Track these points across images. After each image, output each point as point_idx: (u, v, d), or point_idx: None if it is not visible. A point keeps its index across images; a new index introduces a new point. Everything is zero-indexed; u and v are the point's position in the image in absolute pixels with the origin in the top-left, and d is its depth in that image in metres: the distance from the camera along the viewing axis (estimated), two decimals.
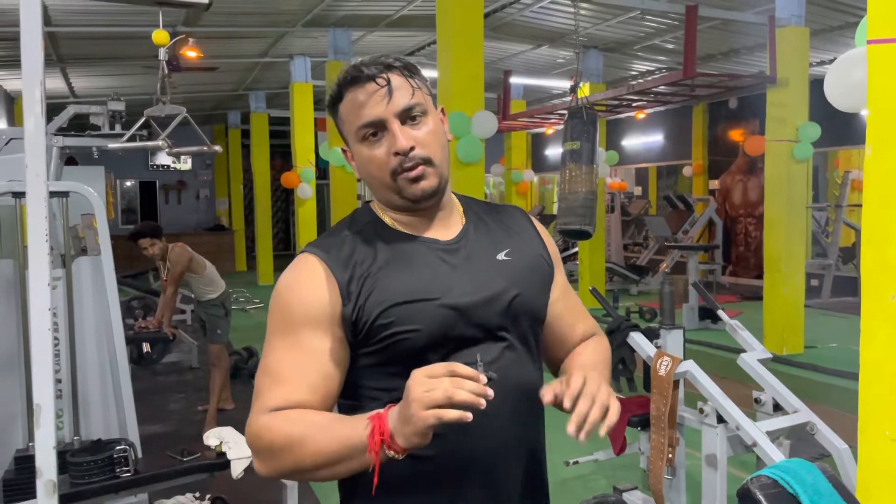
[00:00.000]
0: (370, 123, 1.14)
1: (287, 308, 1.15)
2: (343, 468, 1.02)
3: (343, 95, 1.17)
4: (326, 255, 1.16)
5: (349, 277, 1.13)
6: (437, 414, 0.91)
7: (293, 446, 1.04)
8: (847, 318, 8.69)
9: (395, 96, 1.14)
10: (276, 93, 13.21)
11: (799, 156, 7.04)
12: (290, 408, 1.09)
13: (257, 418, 1.10)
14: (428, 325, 1.11)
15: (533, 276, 1.24)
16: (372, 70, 1.14)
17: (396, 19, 8.61)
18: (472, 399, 0.91)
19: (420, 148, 1.15)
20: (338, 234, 1.21)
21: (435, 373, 0.94)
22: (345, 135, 1.21)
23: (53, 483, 1.58)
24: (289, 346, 1.13)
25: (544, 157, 17.14)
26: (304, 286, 1.14)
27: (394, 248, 1.17)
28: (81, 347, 3.28)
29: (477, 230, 1.24)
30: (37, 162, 1.56)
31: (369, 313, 1.11)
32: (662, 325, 3.25)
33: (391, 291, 1.12)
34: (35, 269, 1.58)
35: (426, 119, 1.17)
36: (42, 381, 1.56)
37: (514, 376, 1.17)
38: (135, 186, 17.36)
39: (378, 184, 1.18)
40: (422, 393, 0.92)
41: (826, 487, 1.12)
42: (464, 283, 1.16)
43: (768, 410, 3.05)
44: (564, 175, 6.03)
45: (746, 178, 12.22)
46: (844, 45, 8.54)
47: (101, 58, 9.75)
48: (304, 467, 1.05)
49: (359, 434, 0.99)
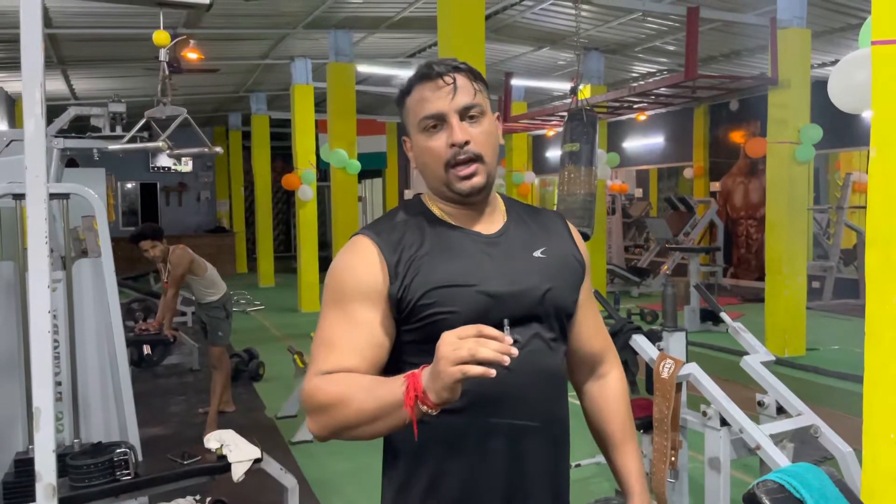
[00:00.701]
0: (432, 116, 1.26)
1: (341, 284, 1.27)
2: (382, 424, 1.12)
3: (412, 90, 1.30)
4: (378, 237, 1.28)
5: (397, 259, 1.25)
6: (462, 369, 0.98)
7: (339, 405, 1.15)
8: (849, 320, 8.68)
9: (458, 94, 1.26)
10: (277, 95, 13.22)
11: (800, 158, 7.03)
12: (340, 371, 1.19)
13: (310, 380, 1.21)
14: (465, 308, 1.21)
15: (565, 274, 1.36)
16: (441, 69, 1.27)
17: (397, 21, 8.61)
18: (495, 356, 0.98)
19: (474, 144, 1.26)
20: (390, 219, 1.33)
21: (463, 334, 1.01)
22: (408, 126, 1.32)
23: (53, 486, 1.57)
24: (341, 317, 1.24)
25: (545, 158, 17.13)
26: (357, 264, 1.27)
27: (439, 237, 1.29)
28: (82, 350, 3.27)
29: (517, 227, 1.36)
30: (37, 163, 1.56)
31: (413, 293, 1.23)
32: (665, 328, 3.23)
33: (434, 275, 1.24)
34: (35, 271, 1.57)
35: (483, 120, 1.28)
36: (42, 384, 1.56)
37: (541, 361, 1.29)
38: (136, 188, 17.38)
39: (431, 173, 1.30)
40: (450, 351, 1.00)
41: (833, 492, 1.11)
42: (501, 274, 1.27)
43: (771, 413, 3.04)
44: (563, 177, 6.02)
45: (748, 179, 12.20)
46: (846, 47, 8.54)
47: (102, 60, 9.76)
48: (349, 424, 1.15)
49: (396, 392, 1.08)
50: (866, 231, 1.69)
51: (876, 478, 1.66)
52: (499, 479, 1.26)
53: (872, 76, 1.63)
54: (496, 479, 1.26)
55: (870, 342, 1.66)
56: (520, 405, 1.26)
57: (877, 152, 1.64)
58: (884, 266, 1.62)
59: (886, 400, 1.62)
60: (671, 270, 11.29)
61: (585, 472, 3.95)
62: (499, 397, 1.24)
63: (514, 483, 1.27)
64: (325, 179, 11.96)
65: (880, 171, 1.64)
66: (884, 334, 1.63)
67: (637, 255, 13.49)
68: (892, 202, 1.61)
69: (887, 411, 1.62)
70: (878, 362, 1.65)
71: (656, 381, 2.88)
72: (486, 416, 1.24)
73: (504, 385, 1.19)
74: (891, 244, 1.61)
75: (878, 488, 1.65)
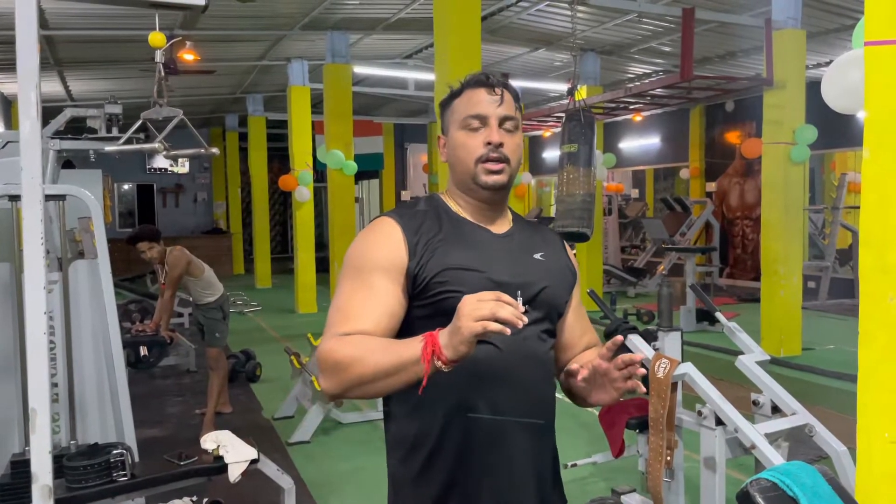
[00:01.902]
0: (478, 116, 1.43)
1: (364, 256, 1.39)
2: (397, 379, 1.21)
3: (463, 91, 1.47)
4: (401, 219, 1.42)
5: (417, 241, 1.39)
6: (483, 324, 1.10)
7: (356, 362, 1.24)
8: (844, 319, 8.70)
9: (503, 105, 1.44)
10: (273, 96, 13.21)
11: (796, 158, 7.05)
12: (356, 333, 1.30)
13: (326, 341, 1.30)
14: (472, 291, 1.26)
15: (559, 277, 1.52)
16: (494, 80, 1.46)
17: (394, 22, 8.62)
18: (512, 318, 1.10)
19: (506, 149, 1.43)
20: (412, 207, 1.48)
21: (484, 297, 1.13)
22: (448, 123, 1.49)
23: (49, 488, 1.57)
24: (359, 286, 1.36)
25: (542, 159, 17.15)
26: (380, 239, 1.40)
27: (455, 227, 1.44)
28: (78, 351, 3.27)
29: (521, 233, 1.53)
30: (32, 165, 1.56)
31: (429, 271, 1.36)
32: (660, 328, 3.24)
33: (449, 258, 1.38)
34: (31, 272, 1.57)
35: (516, 134, 1.46)
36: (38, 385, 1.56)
37: (533, 347, 1.43)
38: (132, 190, 17.35)
39: (462, 166, 1.45)
40: (471, 309, 1.12)
41: (826, 490, 1.12)
42: (507, 266, 1.42)
43: (766, 413, 3.04)
44: (562, 177, 6.03)
45: (743, 180, 12.23)
46: (841, 48, 8.57)
47: (99, 61, 9.75)
48: (364, 379, 1.24)
49: (413, 349, 1.19)
50: (860, 231, 1.70)
51: (870, 476, 1.67)
52: (489, 451, 1.38)
53: (865, 77, 1.64)
54: (487, 451, 1.38)
55: (863, 342, 1.67)
56: (509, 385, 1.39)
57: (870, 153, 1.65)
58: (877, 266, 1.63)
59: (880, 399, 1.63)
60: (667, 271, 11.30)
61: (581, 472, 3.96)
62: (493, 375, 1.37)
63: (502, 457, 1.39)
64: (321, 180, 11.95)
65: (873, 172, 1.65)
66: (877, 334, 1.64)
67: (633, 255, 13.50)
68: (885, 203, 1.62)
69: (881, 410, 1.63)
70: (872, 362, 1.66)
71: (652, 381, 2.89)
72: (481, 392, 1.37)
73: (497, 363, 1.37)
74: (884, 244, 1.62)
75: (872, 486, 1.66)
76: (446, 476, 1.37)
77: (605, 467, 3.96)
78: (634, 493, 3.33)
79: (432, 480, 1.38)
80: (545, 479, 1.47)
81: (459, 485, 1.38)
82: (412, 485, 1.41)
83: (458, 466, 1.37)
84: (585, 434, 4.73)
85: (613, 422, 3.23)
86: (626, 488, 3.37)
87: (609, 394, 1.37)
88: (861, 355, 1.67)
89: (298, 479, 3.96)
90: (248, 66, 10.87)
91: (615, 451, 3.26)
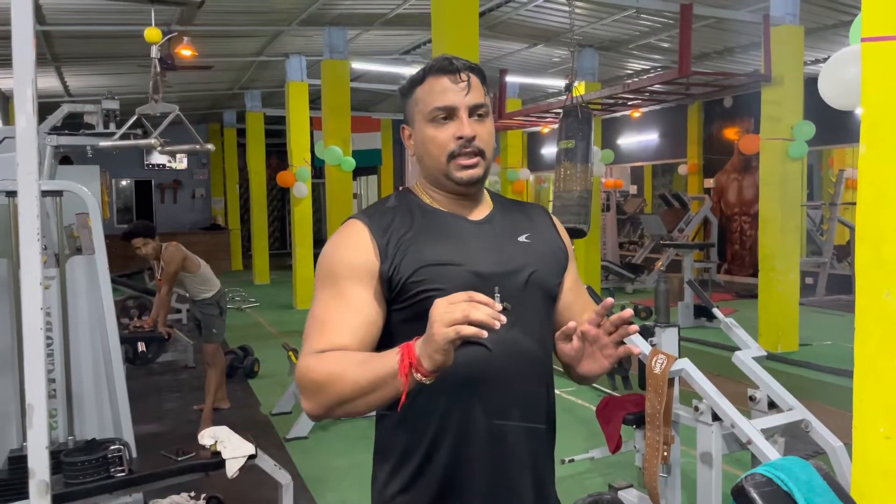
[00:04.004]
0: (445, 107, 1.31)
1: (334, 264, 1.31)
2: (377, 396, 1.13)
3: (425, 79, 1.34)
4: (369, 220, 1.32)
5: (387, 241, 1.29)
6: (456, 329, 1.02)
7: (334, 380, 1.17)
8: (841, 315, 8.71)
9: (471, 92, 1.31)
10: (271, 92, 13.18)
11: (793, 154, 7.05)
12: (333, 350, 1.22)
13: (304, 359, 1.23)
14: (453, 287, 1.20)
15: (549, 259, 1.40)
16: (459, 65, 1.32)
17: (392, 18, 8.60)
18: (487, 319, 1.02)
19: (479, 141, 1.32)
20: (381, 205, 1.38)
21: (455, 299, 1.05)
22: (412, 114, 1.37)
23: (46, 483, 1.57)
24: (333, 296, 1.28)
25: (540, 155, 17.14)
26: (348, 245, 1.31)
27: (429, 220, 1.34)
28: (76, 347, 3.27)
29: (502, 215, 1.41)
30: (29, 160, 1.55)
31: (404, 272, 1.27)
32: (658, 324, 3.25)
33: (424, 255, 1.28)
34: (27, 268, 1.57)
35: (487, 120, 1.35)
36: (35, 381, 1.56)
37: (524, 342, 1.31)
38: (130, 185, 17.32)
39: (433, 162, 1.34)
40: (443, 313, 1.04)
41: (820, 485, 1.12)
42: (488, 255, 1.32)
43: (763, 408, 3.05)
44: (559, 174, 6.02)
45: (741, 176, 12.24)
46: (839, 44, 8.56)
47: (96, 56, 9.71)
48: (344, 398, 1.16)
49: (390, 362, 1.11)
50: (856, 227, 1.70)
51: (865, 471, 1.67)
52: (482, 464, 1.28)
53: (862, 73, 1.64)
54: (479, 464, 1.28)
55: (860, 337, 1.67)
56: (502, 387, 1.29)
57: (866, 149, 1.65)
58: (874, 262, 1.64)
59: (876, 395, 1.64)
60: (665, 266, 11.31)
61: (578, 467, 3.96)
62: (483, 378, 1.27)
63: (496, 465, 1.30)
64: (319, 176, 11.94)
65: (870, 168, 1.65)
66: (874, 330, 1.64)
67: (631, 251, 13.52)
68: (881, 199, 1.62)
69: (877, 406, 1.63)
70: (868, 357, 1.66)
71: (649, 377, 2.90)
72: (468, 398, 1.27)
73: (488, 365, 1.26)
74: (881, 240, 1.62)
75: (868, 482, 1.66)
76: (437, 489, 1.29)
77: (602, 463, 3.97)
78: (631, 488, 3.34)
79: (423, 494, 1.30)
80: (545, 482, 1.38)
81: (452, 497, 1.29)
82: (401, 497, 1.31)
83: (450, 478, 1.29)
84: (582, 429, 4.74)
85: (610, 417, 3.24)
86: (623, 484, 3.38)
87: (599, 363, 1.27)
88: (857, 351, 1.67)
89: (296, 475, 3.96)
90: (245, 61, 10.84)
91: (612, 446, 3.27)
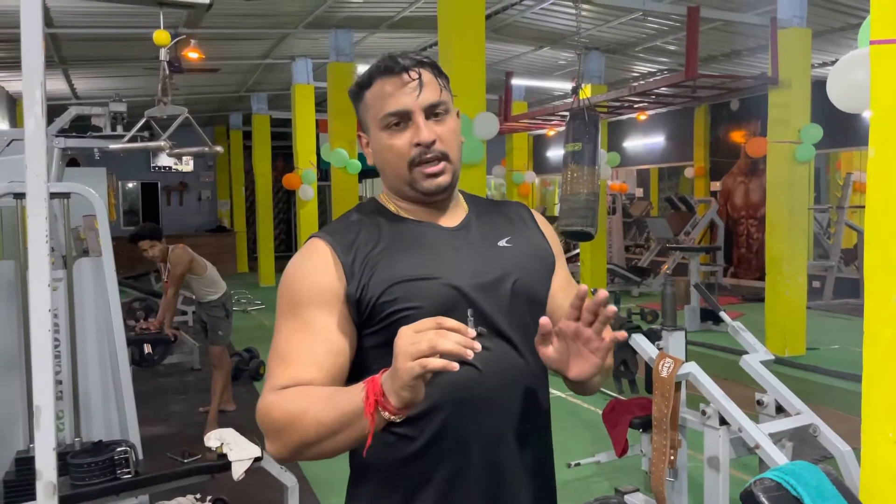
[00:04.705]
0: (397, 113, 1.18)
1: (295, 290, 1.18)
2: (344, 438, 1.02)
3: (373, 82, 1.20)
4: (332, 238, 1.20)
5: (353, 258, 1.17)
6: (421, 363, 0.90)
7: (296, 421, 1.05)
8: (849, 319, 8.68)
9: (424, 91, 1.18)
10: (277, 94, 13.21)
11: (801, 157, 7.03)
12: (297, 386, 1.10)
13: (264, 398, 1.11)
14: (430, 303, 1.13)
15: (533, 263, 1.28)
16: (406, 62, 1.18)
17: (398, 21, 8.61)
18: (457, 349, 0.91)
19: (441, 143, 1.19)
20: (344, 220, 1.26)
21: (421, 327, 0.94)
22: (366, 121, 1.24)
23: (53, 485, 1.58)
24: (297, 326, 1.15)
25: (546, 158, 17.13)
26: (310, 268, 1.18)
27: (397, 232, 1.21)
28: (82, 348, 3.28)
29: (479, 219, 1.29)
30: (37, 163, 1.56)
31: (373, 291, 1.14)
32: (664, 327, 3.24)
33: (394, 270, 1.16)
34: (35, 270, 1.57)
35: (448, 118, 1.22)
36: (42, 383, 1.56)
37: (515, 357, 1.20)
38: (137, 188, 17.37)
39: (393, 172, 1.22)
40: (408, 345, 0.92)
41: (830, 490, 1.11)
42: (466, 265, 1.20)
43: (771, 412, 3.04)
44: (566, 176, 6.02)
45: (748, 179, 12.20)
46: (846, 47, 8.54)
47: (104, 59, 9.76)
48: (308, 440, 1.04)
49: (355, 399, 0.99)
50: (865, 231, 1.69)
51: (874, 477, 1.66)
52: (477, 489, 1.16)
53: (871, 76, 1.63)
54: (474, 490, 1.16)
55: (868, 341, 1.66)
56: (494, 408, 1.16)
57: (875, 152, 1.64)
58: (883, 265, 1.63)
59: (885, 399, 1.63)
60: (671, 270, 11.28)
61: (584, 471, 3.95)
62: (471, 401, 1.14)
63: (492, 494, 1.17)
64: (325, 179, 11.96)
65: (878, 172, 1.64)
66: (882, 333, 1.63)
67: (637, 254, 13.48)
68: (890, 202, 1.61)
69: (885, 410, 1.62)
70: (877, 361, 1.65)
71: (655, 381, 2.89)
72: (459, 423, 1.14)
73: (476, 387, 1.14)
74: (890, 244, 1.61)
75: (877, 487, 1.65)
76: None
77: (609, 467, 3.96)
78: (638, 492, 3.33)
79: None
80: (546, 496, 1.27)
81: None
82: None
83: None
84: (588, 433, 4.73)
85: (617, 421, 3.23)
86: (630, 488, 3.37)
87: (589, 360, 1.10)
88: (866, 355, 1.66)
89: (301, 478, 3.96)
90: (252, 64, 10.88)
91: (618, 450, 3.26)
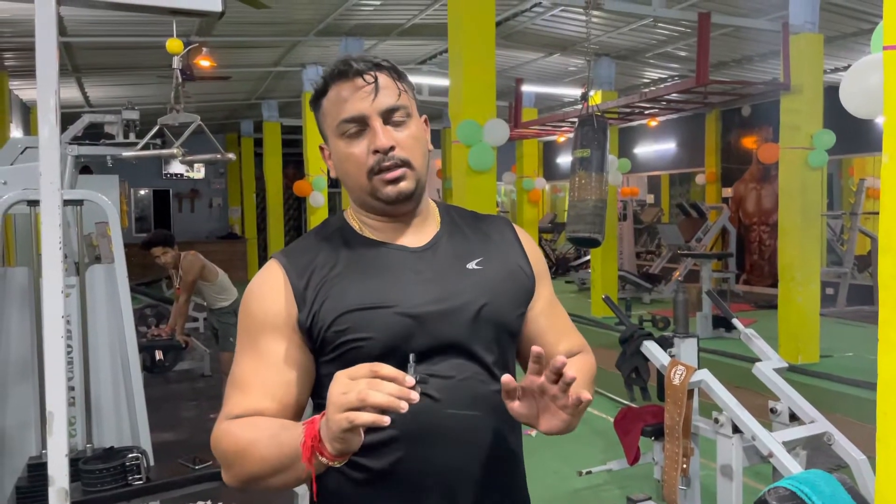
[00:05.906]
0: (352, 119, 1.12)
1: (249, 316, 1.14)
2: (289, 476, 0.98)
3: (328, 89, 1.15)
4: (287, 260, 1.14)
5: (305, 283, 1.11)
6: (348, 417, 0.85)
7: (244, 454, 1.02)
8: (863, 326, 8.60)
9: (380, 95, 1.12)
10: (288, 102, 13.28)
11: (813, 163, 6.98)
12: (249, 415, 1.07)
13: (217, 427, 1.08)
14: (382, 333, 1.07)
15: (505, 286, 1.18)
16: (360, 66, 1.12)
17: (408, 28, 8.64)
18: (388, 402, 0.85)
19: (400, 150, 1.12)
20: (305, 240, 1.20)
21: (356, 374, 0.88)
22: (325, 130, 1.18)
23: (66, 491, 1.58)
24: (251, 353, 1.11)
25: (556, 164, 17.12)
26: (265, 291, 1.13)
27: (356, 254, 1.15)
28: (95, 355, 3.29)
29: (451, 237, 1.20)
30: (51, 170, 1.57)
31: (324, 320, 1.08)
32: (676, 334, 3.22)
33: (347, 298, 1.09)
34: (49, 276, 1.58)
35: (409, 123, 1.15)
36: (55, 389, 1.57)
37: (479, 389, 1.11)
38: (148, 195, 17.49)
39: (353, 182, 1.16)
40: (338, 395, 0.87)
41: (845, 499, 1.10)
42: (427, 291, 1.11)
43: (784, 420, 3.01)
44: (574, 183, 6.01)
45: (760, 185, 12.14)
46: (858, 52, 8.50)
47: (116, 68, 9.85)
48: (255, 475, 1.01)
49: (294, 442, 0.95)
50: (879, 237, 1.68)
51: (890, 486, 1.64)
52: None
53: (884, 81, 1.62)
54: None
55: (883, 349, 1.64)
56: (456, 442, 1.08)
57: (889, 158, 1.63)
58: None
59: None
60: (683, 277, 11.23)
61: (595, 479, 3.93)
62: (431, 435, 1.07)
63: None
64: (336, 186, 12.00)
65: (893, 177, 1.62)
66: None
67: (649, 261, 13.43)
68: None
69: None
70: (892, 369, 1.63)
71: (668, 388, 2.87)
72: (413, 457, 1.07)
73: (432, 417, 1.06)
74: None
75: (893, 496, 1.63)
76: None
77: (621, 475, 3.93)
78: (650, 501, 3.30)
79: None
80: None
81: None
82: None
83: None
84: (600, 441, 4.70)
85: (629, 429, 3.21)
86: (642, 496, 3.34)
87: (559, 417, 1.00)
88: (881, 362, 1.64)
89: None
90: (263, 72, 10.94)
91: (630, 458, 3.24)
